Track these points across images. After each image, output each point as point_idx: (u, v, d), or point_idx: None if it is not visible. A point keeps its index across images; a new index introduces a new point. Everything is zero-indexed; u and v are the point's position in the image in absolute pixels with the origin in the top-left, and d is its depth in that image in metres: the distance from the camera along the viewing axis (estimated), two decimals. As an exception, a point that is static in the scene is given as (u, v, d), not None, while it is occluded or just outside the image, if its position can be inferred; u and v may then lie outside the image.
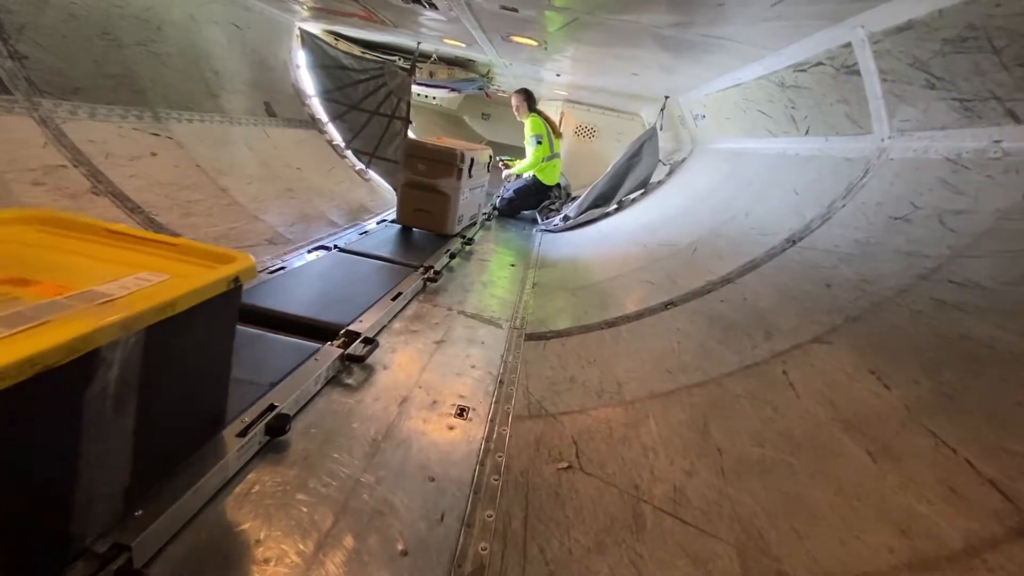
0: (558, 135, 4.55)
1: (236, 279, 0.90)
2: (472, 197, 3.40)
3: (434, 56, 4.20)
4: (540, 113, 4.49)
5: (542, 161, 4.40)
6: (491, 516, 1.04)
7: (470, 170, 3.18)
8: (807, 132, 2.14)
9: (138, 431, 0.80)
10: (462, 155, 3.04)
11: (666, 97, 3.78)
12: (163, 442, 0.89)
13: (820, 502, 0.87)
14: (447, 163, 3.03)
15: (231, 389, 1.04)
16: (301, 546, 0.90)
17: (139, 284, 0.79)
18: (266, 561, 0.86)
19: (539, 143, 4.37)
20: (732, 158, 2.98)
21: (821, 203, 1.77)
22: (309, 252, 2.35)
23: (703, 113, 3.41)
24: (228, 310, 0.96)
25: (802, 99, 2.10)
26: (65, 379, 0.64)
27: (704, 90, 3.15)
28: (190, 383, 0.93)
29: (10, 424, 0.60)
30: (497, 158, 4.63)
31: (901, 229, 1.40)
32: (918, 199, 1.42)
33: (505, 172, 4.71)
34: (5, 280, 0.73)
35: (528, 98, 4.45)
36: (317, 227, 2.72)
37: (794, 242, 1.72)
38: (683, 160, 3.82)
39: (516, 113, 4.55)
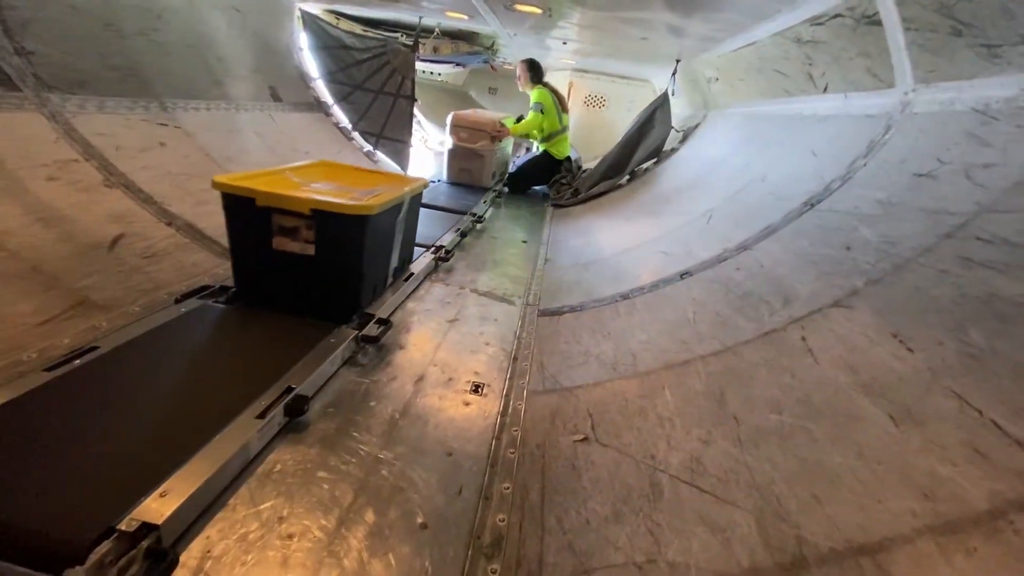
0: (565, 109, 4.36)
1: (427, 183, 1.99)
2: (501, 156, 4.37)
3: (436, 30, 4.11)
4: (547, 86, 4.29)
5: (551, 136, 4.27)
6: (508, 488, 1.06)
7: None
8: (825, 90, 2.05)
9: (400, 246, 1.85)
10: (493, 124, 4.02)
11: (677, 61, 3.66)
12: (403, 257, 1.95)
13: (840, 468, 0.86)
14: (484, 131, 3.99)
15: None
16: (323, 521, 0.92)
17: (391, 188, 1.77)
18: (290, 537, 0.88)
19: (541, 111, 4.16)
20: (747, 121, 2.89)
21: (841, 163, 1.71)
22: (321, 236, 2.36)
23: (716, 76, 3.30)
24: (420, 200, 2.06)
25: (820, 55, 2.01)
26: (392, 212, 1.67)
27: (716, 51, 3.04)
28: (409, 231, 1.96)
29: (383, 226, 1.64)
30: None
31: (925, 186, 1.34)
32: (944, 154, 1.36)
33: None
34: (341, 185, 1.79)
35: (531, 68, 4.22)
36: (328, 211, 2.72)
37: (812, 205, 1.66)
38: (696, 126, 3.71)
39: (519, 84, 4.34)
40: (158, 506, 0.81)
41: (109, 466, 0.90)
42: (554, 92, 4.30)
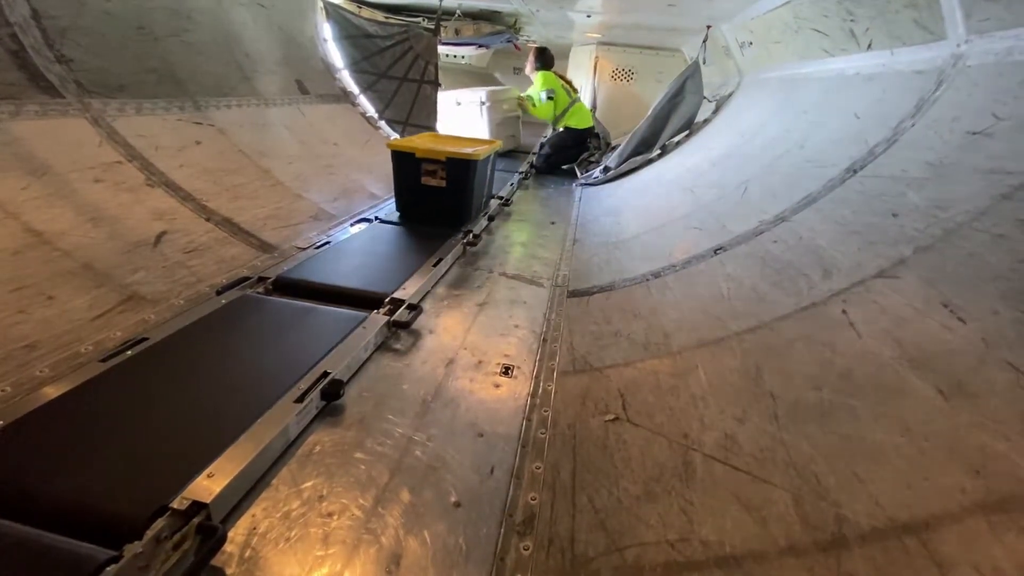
0: (573, 89, 4.49)
1: (501, 144, 3.01)
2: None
3: (458, 12, 4.06)
4: (552, 71, 4.42)
5: (564, 112, 4.32)
6: (539, 468, 1.06)
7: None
8: (869, 47, 1.92)
9: (487, 184, 2.91)
10: (511, 90, 4.83)
11: (708, 27, 3.50)
12: (488, 192, 2.96)
13: (884, 444, 0.82)
14: (511, 97, 4.67)
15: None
16: (361, 500, 0.95)
17: (480, 146, 2.65)
18: (330, 515, 0.92)
19: (550, 98, 4.30)
20: (784, 86, 2.75)
21: (886, 125, 1.61)
22: (352, 225, 2.40)
23: (749, 40, 3.14)
24: (495, 157, 2.99)
25: (862, 9, 1.88)
26: (485, 160, 2.68)
27: (750, 13, 2.89)
28: (492, 176, 2.98)
29: (481, 169, 2.64)
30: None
31: (981, 145, 1.25)
32: (1000, 109, 1.26)
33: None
34: (447, 146, 2.55)
35: (539, 56, 4.37)
36: (358, 200, 2.77)
37: (855, 171, 1.57)
38: (730, 94, 3.56)
39: (527, 68, 4.52)
40: (207, 485, 0.86)
41: (160, 449, 0.95)
42: (559, 76, 4.44)
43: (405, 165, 2.51)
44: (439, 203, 2.52)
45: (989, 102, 1.30)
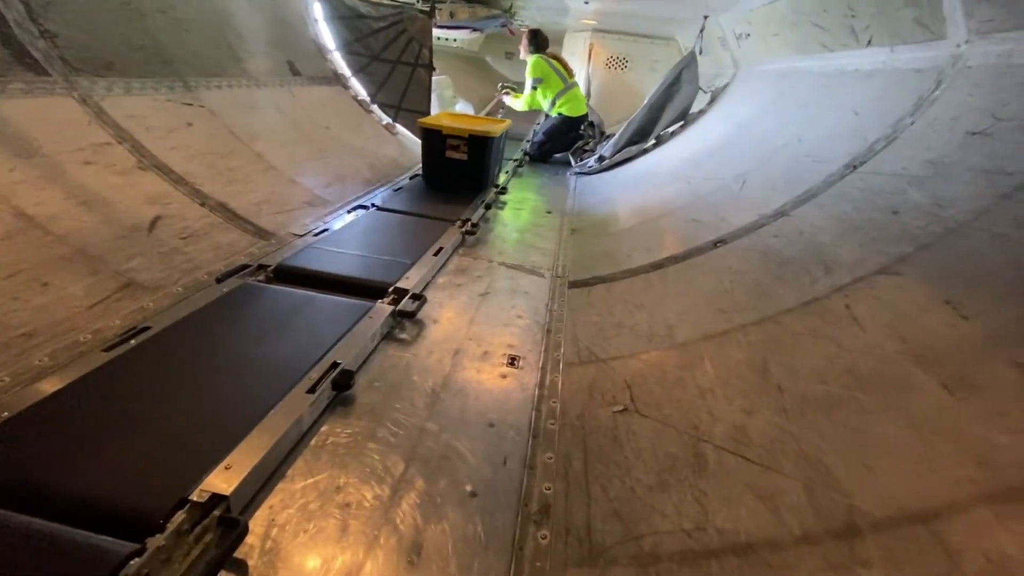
0: (570, 74, 4.33)
1: (511, 124, 3.38)
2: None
3: (453, -6, 3.99)
4: (547, 54, 4.28)
5: (558, 96, 4.24)
6: (551, 459, 1.08)
7: None
8: (869, 43, 1.94)
9: (500, 159, 3.43)
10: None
11: (705, 17, 3.49)
12: (497, 167, 3.33)
13: (892, 437, 0.85)
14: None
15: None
16: (378, 491, 0.96)
17: (495, 125, 3.09)
18: (347, 505, 0.92)
19: (534, 88, 4.23)
20: (781, 79, 2.76)
21: (885, 122, 1.63)
22: (348, 212, 2.37)
23: (747, 31, 3.15)
24: (506, 134, 3.34)
25: (863, 6, 1.90)
26: (499, 137, 3.08)
27: (748, 5, 2.89)
28: (500, 152, 3.33)
29: (499, 144, 3.19)
30: (500, 85, 4.65)
31: (980, 145, 1.28)
32: (1000, 110, 1.29)
33: (506, 99, 4.60)
34: (466, 124, 3.00)
35: (533, 39, 4.24)
36: (353, 186, 2.73)
37: (855, 167, 1.60)
38: (726, 86, 3.57)
39: (520, 52, 4.38)
40: (225, 478, 0.85)
41: (174, 441, 0.94)
42: (555, 58, 4.30)
43: (432, 140, 2.91)
44: (461, 173, 2.94)
45: (989, 103, 1.33)
